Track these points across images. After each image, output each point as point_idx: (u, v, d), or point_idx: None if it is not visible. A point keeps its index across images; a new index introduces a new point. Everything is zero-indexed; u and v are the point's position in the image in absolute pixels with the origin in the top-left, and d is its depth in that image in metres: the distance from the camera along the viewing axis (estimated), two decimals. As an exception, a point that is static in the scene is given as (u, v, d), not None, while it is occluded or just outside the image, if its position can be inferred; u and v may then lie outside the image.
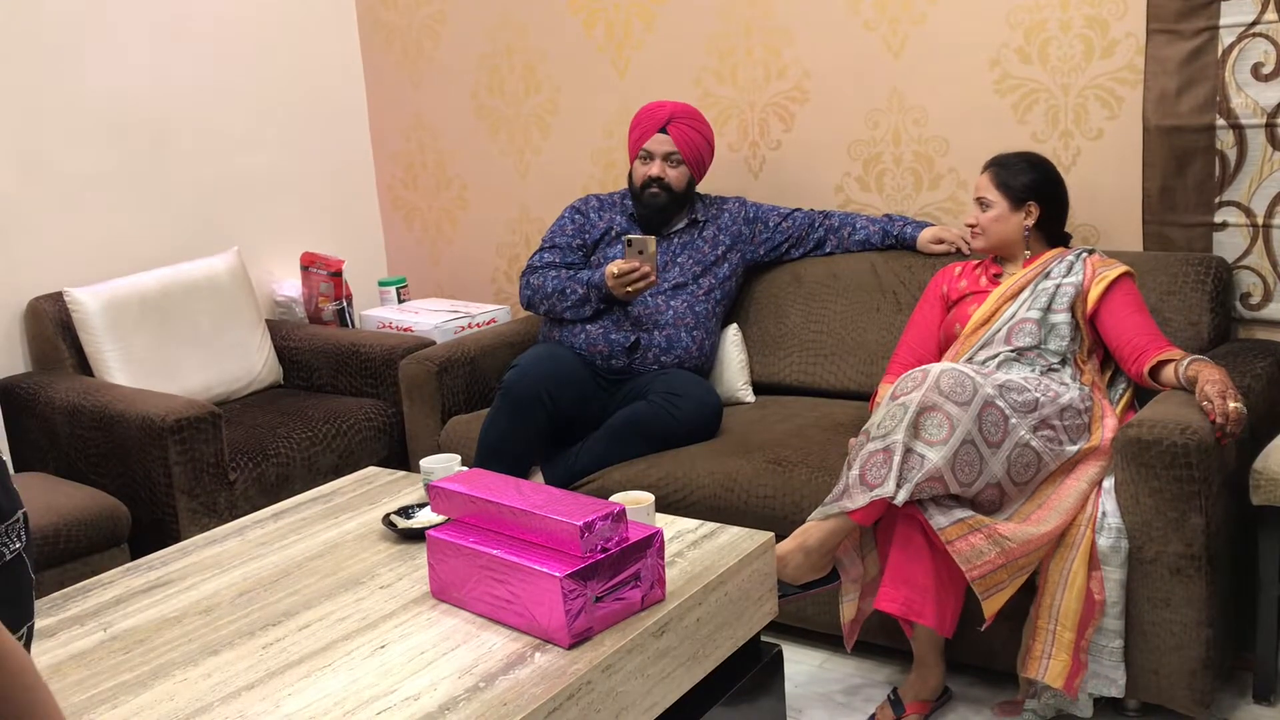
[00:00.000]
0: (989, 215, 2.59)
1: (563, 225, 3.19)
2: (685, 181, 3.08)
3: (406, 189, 4.16)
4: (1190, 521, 2.10)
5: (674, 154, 3.04)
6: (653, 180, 3.05)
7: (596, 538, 1.61)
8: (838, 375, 3.06)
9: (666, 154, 3.04)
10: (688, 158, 3.05)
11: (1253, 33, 2.60)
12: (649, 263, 2.86)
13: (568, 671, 1.54)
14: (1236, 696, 2.34)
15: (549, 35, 3.68)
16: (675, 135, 3.04)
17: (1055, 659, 2.17)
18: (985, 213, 2.59)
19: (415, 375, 3.18)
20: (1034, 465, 2.25)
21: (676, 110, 3.08)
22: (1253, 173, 2.66)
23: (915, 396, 2.21)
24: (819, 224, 3.16)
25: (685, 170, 3.07)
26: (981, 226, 2.61)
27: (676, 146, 3.04)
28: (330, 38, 4.04)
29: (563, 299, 3.01)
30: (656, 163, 3.05)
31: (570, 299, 3.00)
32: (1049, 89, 2.90)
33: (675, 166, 3.05)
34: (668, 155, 3.04)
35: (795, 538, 2.24)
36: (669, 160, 3.05)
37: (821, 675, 2.54)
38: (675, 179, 3.06)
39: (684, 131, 3.05)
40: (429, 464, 2.21)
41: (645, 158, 3.07)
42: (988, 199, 2.59)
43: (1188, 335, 2.60)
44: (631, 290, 2.89)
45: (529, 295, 3.10)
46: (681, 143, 3.04)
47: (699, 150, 3.08)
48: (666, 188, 3.05)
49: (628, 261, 2.87)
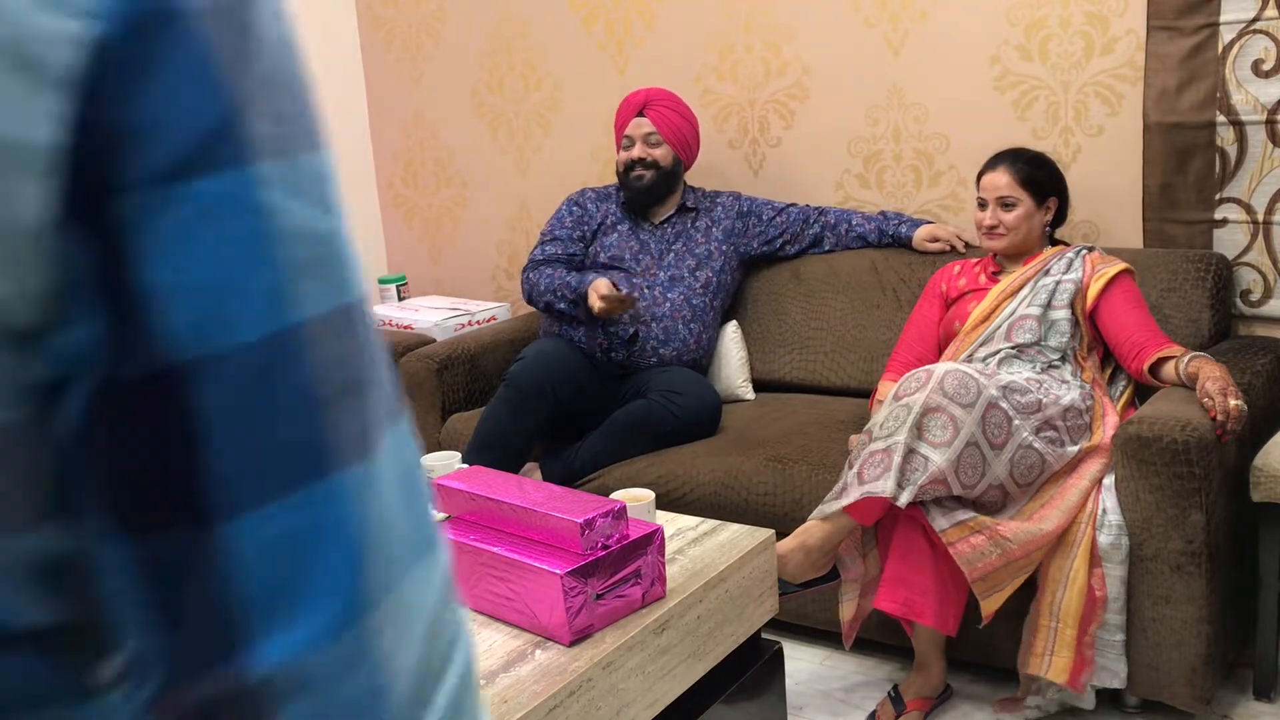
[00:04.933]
0: (1016, 214, 2.55)
1: (561, 218, 3.21)
2: (671, 159, 3.11)
3: (406, 186, 4.16)
4: (1191, 518, 2.10)
5: (652, 134, 3.09)
6: (635, 163, 3.09)
7: (597, 535, 1.61)
8: (838, 373, 3.06)
9: (645, 135, 3.09)
10: (668, 137, 3.09)
11: (1253, 29, 2.60)
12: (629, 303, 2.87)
13: (568, 669, 1.54)
14: (1237, 693, 2.34)
15: (549, 32, 3.68)
16: (652, 117, 3.09)
17: (1058, 655, 2.17)
18: (1010, 212, 2.54)
19: (415, 373, 3.18)
20: (1038, 467, 2.24)
21: (652, 94, 3.13)
22: (1253, 169, 2.66)
23: (919, 398, 2.20)
24: (814, 220, 3.16)
25: (668, 149, 3.10)
26: (1006, 226, 2.54)
27: (655, 127, 3.08)
28: (329, 35, 4.04)
29: (556, 300, 3.02)
30: (637, 145, 3.09)
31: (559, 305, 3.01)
32: (1049, 86, 2.90)
33: (656, 146, 3.09)
34: (647, 136, 3.09)
35: (796, 536, 2.24)
36: (648, 141, 3.09)
37: (822, 673, 2.54)
38: (660, 156, 3.09)
39: (661, 113, 3.10)
40: (429, 462, 2.20)
41: (627, 144, 3.12)
42: (1012, 197, 2.54)
43: (1188, 332, 2.60)
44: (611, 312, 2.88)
45: (528, 290, 3.11)
46: (659, 123, 3.08)
47: (680, 130, 3.11)
48: (652, 165, 3.09)
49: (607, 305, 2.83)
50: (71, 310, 0.37)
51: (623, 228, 3.15)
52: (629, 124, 3.11)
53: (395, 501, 0.42)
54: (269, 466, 0.39)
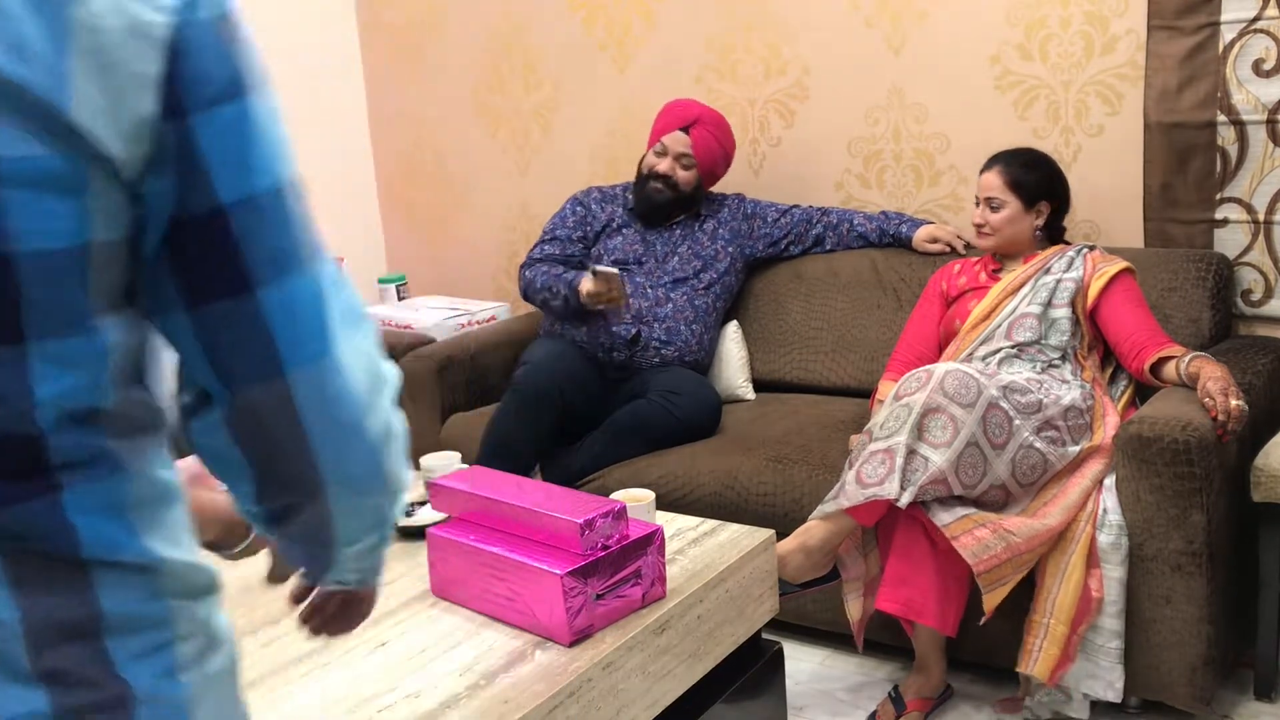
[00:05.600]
0: (1001, 216, 2.56)
1: (564, 217, 3.20)
2: (693, 184, 3.09)
3: (406, 186, 4.16)
4: (1191, 518, 2.10)
5: (687, 156, 3.06)
6: (659, 175, 3.07)
7: (597, 535, 1.61)
8: (838, 372, 3.06)
9: (680, 154, 3.06)
10: (701, 163, 3.06)
11: (1254, 29, 2.60)
12: (616, 290, 2.87)
13: (568, 669, 1.54)
14: (1237, 693, 2.34)
15: (549, 32, 3.68)
16: (695, 138, 3.05)
17: (1045, 652, 2.16)
18: (996, 213, 2.56)
19: (415, 373, 3.18)
20: (1040, 467, 2.24)
21: (704, 115, 3.09)
22: (1254, 169, 2.66)
23: (920, 398, 2.20)
24: (816, 220, 3.16)
25: (695, 174, 3.08)
26: (992, 227, 2.57)
27: (692, 150, 3.05)
28: (330, 34, 4.04)
29: (549, 294, 3.02)
30: (668, 160, 3.06)
31: (554, 301, 3.01)
32: (1050, 86, 2.90)
33: (686, 169, 3.07)
34: (680, 155, 3.06)
35: (796, 536, 2.24)
36: (680, 160, 3.06)
37: (822, 673, 2.54)
38: (684, 180, 3.07)
39: (704, 138, 3.06)
40: (429, 461, 2.20)
41: (660, 152, 3.09)
42: (999, 199, 2.56)
43: (1188, 332, 2.60)
44: (601, 309, 2.92)
45: (524, 288, 3.12)
46: (699, 148, 3.05)
47: (714, 158, 3.09)
48: (673, 186, 3.07)
49: (596, 286, 2.86)
50: (161, 169, 0.68)
51: (628, 230, 3.14)
52: (670, 133, 3.07)
53: (340, 288, 0.75)
54: (284, 256, 0.72)
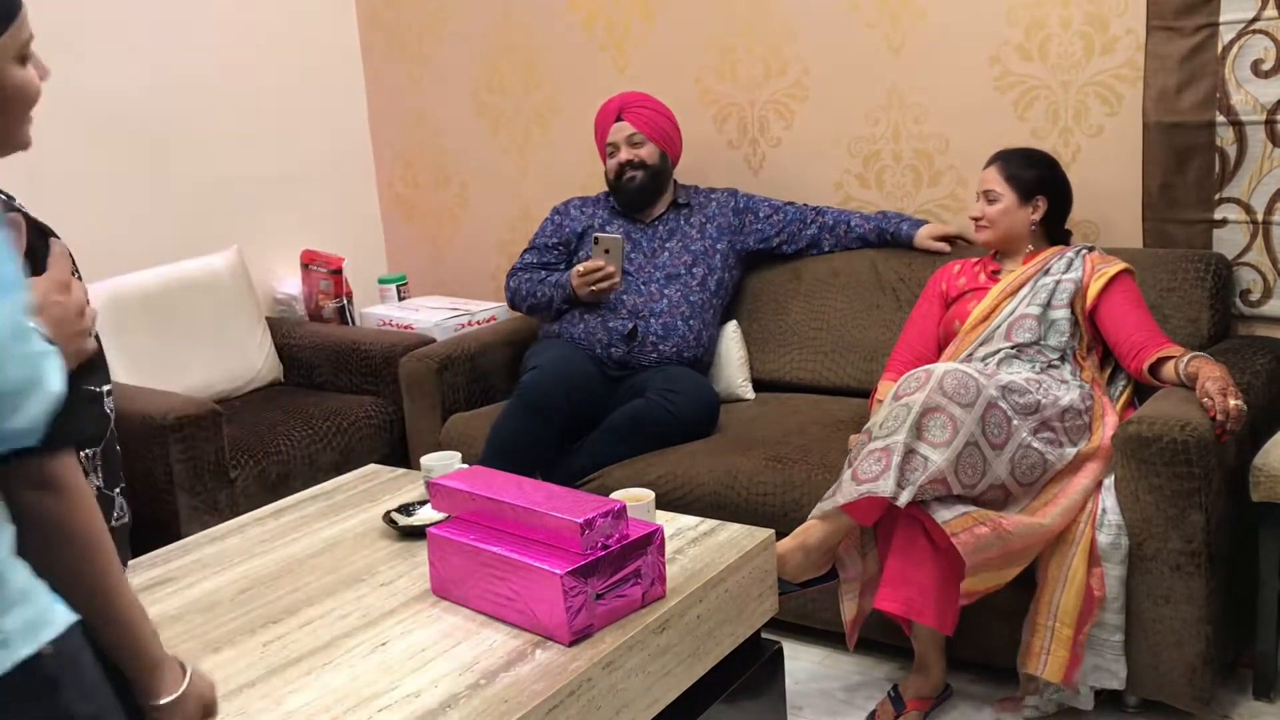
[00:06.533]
0: (997, 208, 2.58)
1: (543, 228, 3.28)
2: (657, 156, 3.13)
3: (407, 186, 4.16)
4: (1190, 518, 2.10)
5: (635, 134, 3.11)
6: (624, 166, 3.11)
7: (597, 535, 1.61)
8: (838, 372, 3.06)
9: (627, 136, 3.11)
10: (651, 135, 3.12)
11: (1253, 29, 2.60)
12: (614, 263, 2.94)
13: (568, 668, 1.54)
14: (1237, 693, 2.34)
15: (549, 32, 3.68)
16: (631, 119, 3.12)
17: (1054, 655, 2.17)
18: (992, 206, 2.58)
19: (416, 373, 3.18)
20: (1039, 466, 2.24)
21: (626, 99, 3.17)
22: (1253, 169, 2.66)
23: (919, 397, 2.20)
24: (811, 220, 3.16)
25: (653, 146, 3.12)
26: (988, 220, 2.59)
27: (636, 128, 3.11)
28: (330, 35, 4.04)
29: (535, 299, 3.11)
30: (623, 149, 3.12)
31: (540, 300, 3.10)
32: (1049, 86, 2.90)
33: (641, 145, 3.11)
34: (629, 138, 3.11)
35: (796, 536, 2.24)
36: (632, 142, 3.11)
37: (822, 672, 2.54)
38: (646, 155, 3.12)
39: (638, 114, 3.13)
40: (429, 461, 2.21)
41: (611, 151, 3.14)
42: (995, 191, 2.58)
43: (1187, 332, 2.60)
44: (595, 290, 2.97)
45: (509, 297, 3.21)
46: (640, 123, 3.11)
47: (661, 127, 3.14)
48: (640, 165, 3.11)
49: (592, 260, 2.96)
50: None
51: (612, 229, 3.15)
52: (609, 131, 3.14)
53: None
54: None
